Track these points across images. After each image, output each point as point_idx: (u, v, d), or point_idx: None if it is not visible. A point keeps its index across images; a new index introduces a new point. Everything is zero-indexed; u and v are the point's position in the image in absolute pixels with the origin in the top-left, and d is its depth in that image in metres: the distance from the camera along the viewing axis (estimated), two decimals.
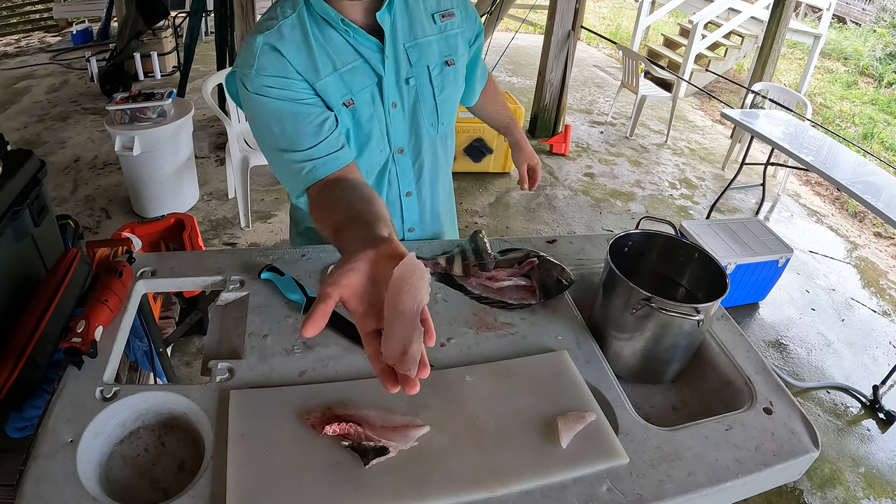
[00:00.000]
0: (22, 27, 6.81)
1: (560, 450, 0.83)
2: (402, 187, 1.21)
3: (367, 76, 1.06)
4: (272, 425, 0.82)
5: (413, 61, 1.09)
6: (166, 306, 2.40)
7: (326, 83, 1.03)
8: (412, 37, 1.08)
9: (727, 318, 1.15)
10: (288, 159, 1.01)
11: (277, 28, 1.01)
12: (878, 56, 8.21)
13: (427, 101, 1.13)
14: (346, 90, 1.05)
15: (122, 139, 2.96)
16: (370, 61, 1.06)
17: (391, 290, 0.63)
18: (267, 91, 0.99)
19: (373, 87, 1.07)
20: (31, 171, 1.22)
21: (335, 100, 1.04)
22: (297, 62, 1.01)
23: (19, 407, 0.95)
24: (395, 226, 1.09)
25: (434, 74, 1.12)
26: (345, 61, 1.04)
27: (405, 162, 1.18)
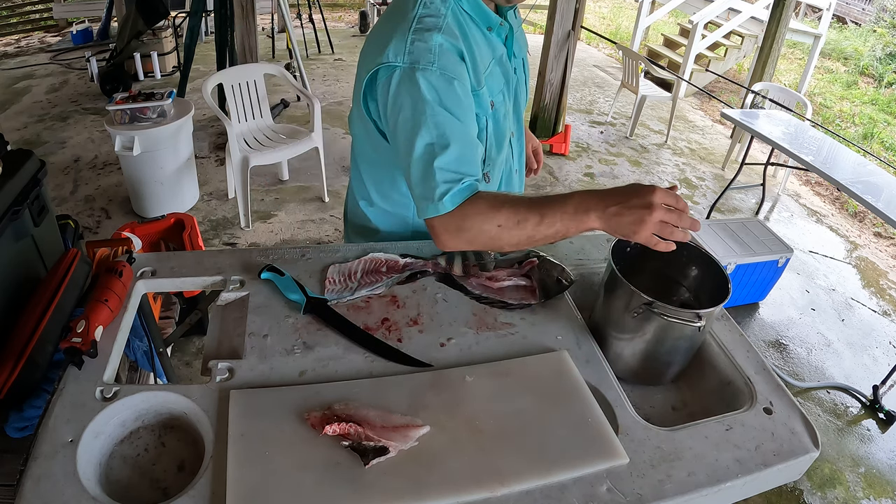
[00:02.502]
0: (22, 27, 6.81)
1: (560, 450, 0.83)
2: (513, 166, 1.27)
3: (499, 77, 1.07)
4: (272, 425, 0.82)
5: (516, 52, 1.14)
6: (166, 306, 2.40)
7: (485, 90, 1.00)
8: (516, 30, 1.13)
9: (727, 318, 1.15)
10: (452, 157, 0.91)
11: (447, 25, 0.94)
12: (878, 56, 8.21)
13: (522, 90, 1.21)
14: (490, 93, 1.03)
15: (122, 139, 2.96)
16: (502, 61, 1.09)
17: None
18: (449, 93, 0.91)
19: (504, 87, 1.09)
20: (31, 171, 1.22)
21: (486, 105, 1.01)
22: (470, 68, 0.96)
23: (19, 407, 0.95)
24: None
25: (526, 65, 1.21)
26: (486, 64, 1.02)
27: (515, 144, 1.25)
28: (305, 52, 6.46)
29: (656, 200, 0.81)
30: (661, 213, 0.81)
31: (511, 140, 1.22)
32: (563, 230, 0.89)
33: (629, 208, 0.83)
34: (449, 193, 0.90)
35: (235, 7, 4.12)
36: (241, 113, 3.45)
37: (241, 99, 3.43)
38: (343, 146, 4.41)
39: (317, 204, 3.62)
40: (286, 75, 3.60)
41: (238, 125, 3.40)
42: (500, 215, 0.90)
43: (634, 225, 0.83)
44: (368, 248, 1.23)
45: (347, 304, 1.08)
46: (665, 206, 0.82)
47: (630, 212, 0.83)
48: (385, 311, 1.07)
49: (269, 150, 3.28)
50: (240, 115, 3.44)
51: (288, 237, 3.29)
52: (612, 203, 0.84)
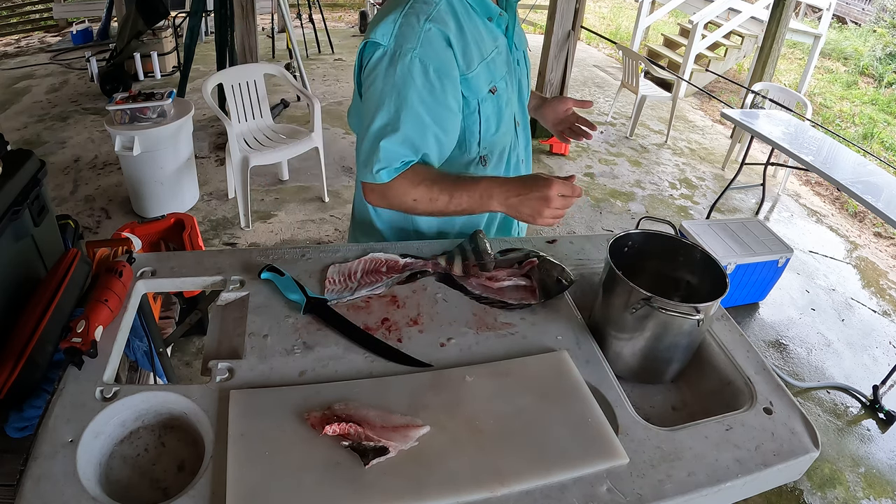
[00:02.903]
0: (22, 27, 6.81)
1: (560, 450, 0.83)
2: (519, 155, 1.30)
3: (502, 63, 1.13)
4: (272, 425, 0.82)
5: (518, 45, 1.20)
6: (166, 306, 2.40)
7: (478, 74, 1.06)
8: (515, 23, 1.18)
9: (727, 318, 1.15)
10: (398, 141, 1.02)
11: (438, 12, 1.00)
12: (878, 56, 8.21)
13: (525, 81, 1.25)
14: (491, 78, 1.10)
15: (122, 139, 2.96)
16: (502, 48, 1.14)
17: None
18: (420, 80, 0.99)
19: (506, 73, 1.15)
20: (31, 171, 1.22)
21: (482, 88, 1.07)
22: (458, 50, 1.02)
23: (19, 407, 0.95)
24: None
25: (527, 58, 1.25)
26: (488, 50, 1.09)
27: (521, 133, 1.28)
28: (305, 52, 6.46)
29: (552, 194, 0.95)
30: (556, 204, 0.95)
31: (517, 129, 1.25)
32: (468, 210, 1.05)
33: (528, 199, 0.97)
34: (385, 170, 1.04)
35: (235, 7, 4.12)
36: (241, 113, 3.45)
37: (241, 99, 3.43)
38: (343, 146, 4.41)
39: (317, 204, 3.62)
40: (286, 75, 3.60)
41: (238, 125, 3.40)
42: (417, 192, 1.05)
43: (532, 215, 0.98)
44: (368, 248, 1.23)
45: (347, 304, 1.08)
46: (561, 197, 0.95)
47: (529, 203, 0.98)
48: (385, 311, 1.07)
49: (269, 150, 3.28)
50: (240, 115, 3.44)
51: (288, 237, 3.29)
52: (514, 194, 0.99)
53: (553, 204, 0.95)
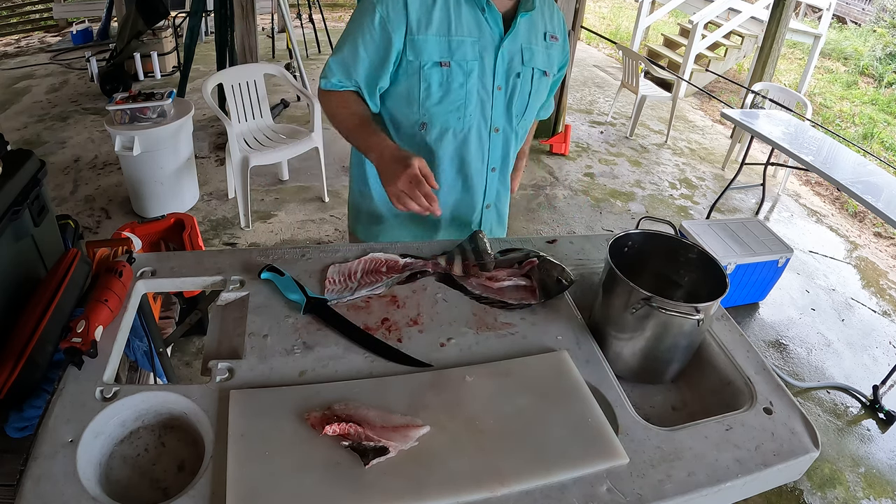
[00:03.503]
0: (22, 27, 6.81)
1: (560, 450, 0.83)
2: (492, 162, 1.35)
3: (473, 54, 1.21)
4: (272, 425, 0.82)
5: (525, 61, 1.26)
6: (166, 306, 2.40)
7: (426, 40, 1.18)
8: (529, 42, 1.26)
9: (727, 318, 1.15)
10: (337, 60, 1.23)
11: None
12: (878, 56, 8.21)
13: (522, 97, 1.29)
14: (447, 54, 1.20)
15: (122, 139, 2.96)
16: (485, 44, 1.21)
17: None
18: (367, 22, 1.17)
19: (475, 64, 1.21)
20: (31, 171, 1.22)
21: (430, 56, 1.19)
22: (414, 14, 1.16)
23: (19, 407, 0.95)
24: (476, 199, 1.40)
25: (535, 77, 1.29)
26: (461, 33, 1.20)
27: (498, 141, 1.32)
28: (305, 52, 6.46)
29: (399, 185, 1.08)
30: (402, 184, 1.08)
31: (491, 133, 1.30)
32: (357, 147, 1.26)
33: (385, 175, 1.13)
34: (324, 79, 1.26)
35: (235, 7, 4.12)
36: (241, 113, 3.45)
37: (241, 99, 3.43)
38: (343, 146, 4.39)
39: (317, 204, 3.62)
40: (286, 75, 3.60)
41: (238, 125, 3.40)
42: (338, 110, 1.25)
43: (386, 181, 1.12)
44: (368, 248, 1.23)
45: (347, 304, 1.08)
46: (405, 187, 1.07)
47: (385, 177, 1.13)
48: (385, 311, 1.07)
49: (269, 150, 3.28)
50: (240, 115, 3.44)
51: (288, 237, 3.29)
52: (382, 164, 1.15)
53: (399, 183, 1.08)
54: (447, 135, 1.27)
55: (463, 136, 1.28)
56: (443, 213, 1.36)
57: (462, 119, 1.25)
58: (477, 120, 1.27)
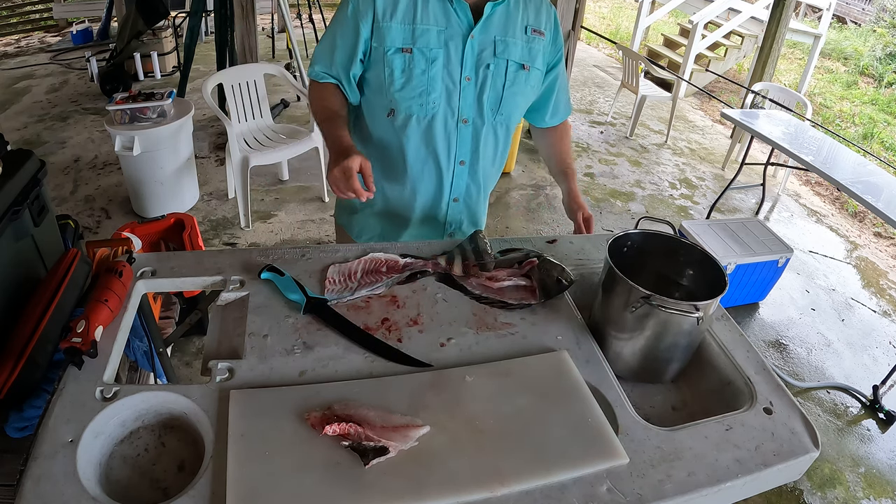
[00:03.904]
0: (22, 27, 6.81)
1: (560, 450, 0.83)
2: (459, 154, 1.33)
3: (438, 42, 1.23)
4: (272, 425, 0.82)
5: (498, 52, 1.26)
6: (166, 306, 2.40)
7: (390, 27, 1.22)
8: (503, 34, 1.27)
9: (727, 318, 1.15)
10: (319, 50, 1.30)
11: None
12: (878, 56, 8.20)
13: (495, 89, 1.29)
14: (409, 41, 1.22)
15: (122, 139, 2.96)
16: (452, 33, 1.23)
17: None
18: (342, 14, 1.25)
19: (440, 52, 1.23)
20: (31, 171, 1.22)
21: (392, 42, 1.23)
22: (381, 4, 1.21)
23: (19, 407, 0.95)
24: (443, 189, 1.39)
25: (510, 70, 1.29)
26: (426, 22, 1.23)
27: (466, 132, 1.31)
28: (305, 52, 6.45)
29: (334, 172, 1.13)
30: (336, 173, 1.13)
31: (459, 124, 1.30)
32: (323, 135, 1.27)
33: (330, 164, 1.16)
34: (311, 68, 1.33)
35: (235, 7, 4.12)
36: (241, 113, 3.45)
37: (241, 99, 3.43)
38: None
39: (317, 204, 3.62)
40: (286, 75, 3.60)
41: (238, 125, 3.40)
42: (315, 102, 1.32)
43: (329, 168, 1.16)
44: (368, 248, 1.23)
45: (347, 304, 1.08)
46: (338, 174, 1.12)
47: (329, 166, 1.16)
48: (385, 311, 1.07)
49: (269, 150, 3.28)
50: (240, 115, 3.44)
51: (288, 237, 3.29)
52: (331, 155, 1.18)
53: (335, 171, 1.12)
54: (411, 121, 1.28)
55: (427, 122, 1.28)
56: (411, 203, 1.39)
57: (424, 106, 1.26)
58: (442, 108, 1.27)
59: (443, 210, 1.41)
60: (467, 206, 1.44)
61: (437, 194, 1.39)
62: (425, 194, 1.38)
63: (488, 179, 1.44)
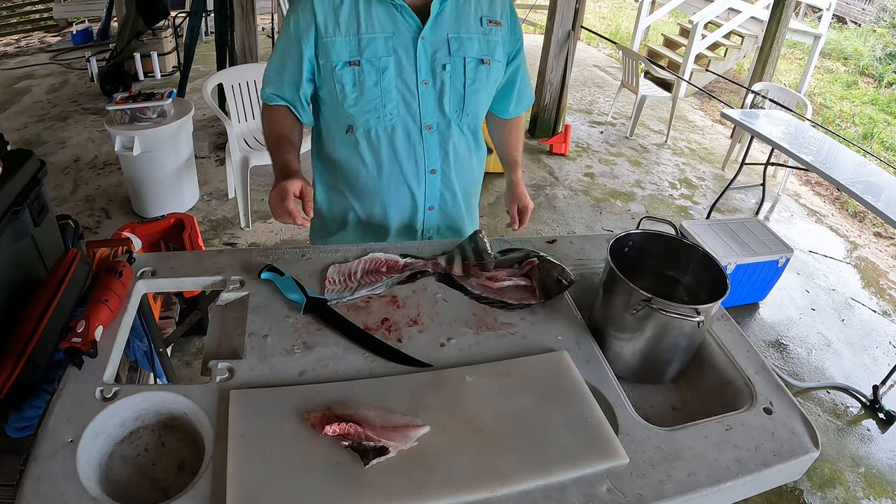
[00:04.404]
0: (22, 27, 6.81)
1: (560, 450, 0.83)
2: (428, 163, 1.28)
3: (386, 50, 1.18)
4: (272, 425, 0.82)
5: (453, 51, 1.21)
6: (166, 306, 2.40)
7: (335, 41, 1.17)
8: (457, 30, 1.21)
9: (727, 318, 1.15)
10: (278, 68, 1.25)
11: None
12: (878, 56, 8.20)
13: (456, 89, 1.23)
14: (356, 52, 1.17)
15: (122, 139, 2.96)
16: (402, 39, 1.17)
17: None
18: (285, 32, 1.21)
19: (389, 61, 1.18)
20: (31, 171, 1.22)
21: (339, 56, 1.18)
22: (322, 18, 1.16)
23: (19, 407, 0.95)
24: (417, 201, 1.32)
25: (469, 67, 1.23)
26: (371, 30, 1.17)
27: (432, 140, 1.26)
28: None
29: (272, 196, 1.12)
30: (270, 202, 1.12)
31: (423, 132, 1.24)
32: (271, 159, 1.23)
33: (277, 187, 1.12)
34: (262, 91, 1.29)
35: (235, 7, 4.11)
36: (241, 113, 3.45)
37: (241, 99, 3.43)
38: None
39: None
40: None
41: (238, 125, 3.40)
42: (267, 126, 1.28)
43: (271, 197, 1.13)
44: (368, 248, 1.23)
45: (347, 304, 1.08)
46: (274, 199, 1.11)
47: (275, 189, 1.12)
48: (385, 311, 1.07)
49: None
50: (240, 115, 3.44)
51: (288, 237, 3.29)
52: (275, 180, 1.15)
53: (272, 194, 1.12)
54: (371, 135, 1.23)
55: (388, 135, 1.23)
56: (384, 217, 1.33)
57: (382, 118, 1.21)
58: (402, 118, 1.22)
59: (419, 220, 1.35)
60: (444, 213, 1.38)
61: (411, 206, 1.33)
62: (398, 207, 1.32)
63: (467, 183, 1.38)
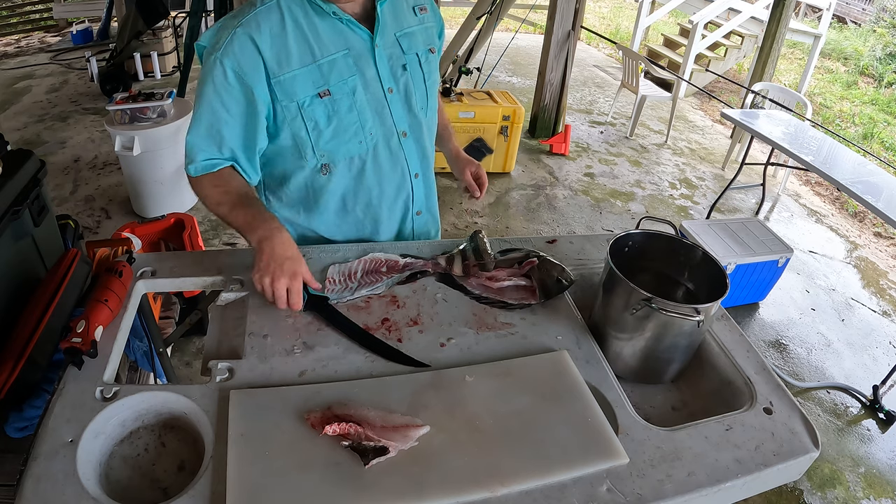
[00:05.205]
0: (22, 27, 6.81)
1: (560, 450, 0.83)
2: (412, 169, 1.25)
3: (349, 68, 1.10)
4: (272, 425, 0.82)
5: (405, 49, 1.16)
6: (166, 306, 2.40)
7: (294, 76, 1.06)
8: (400, 27, 1.16)
9: (727, 318, 1.15)
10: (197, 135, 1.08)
11: (255, 16, 1.04)
12: (878, 56, 8.20)
13: (419, 86, 1.19)
14: (322, 81, 1.07)
15: (122, 139, 2.96)
16: (359, 51, 1.11)
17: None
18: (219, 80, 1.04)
19: (356, 80, 1.10)
20: (31, 171, 1.22)
21: (306, 90, 1.07)
22: (269, 52, 1.04)
23: (19, 407, 0.95)
24: (407, 209, 1.30)
25: (423, 61, 1.19)
26: (328, 52, 1.08)
27: (410, 144, 1.22)
28: None
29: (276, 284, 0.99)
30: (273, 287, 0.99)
31: (401, 140, 1.19)
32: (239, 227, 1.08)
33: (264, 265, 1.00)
34: (190, 165, 1.10)
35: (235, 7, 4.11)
36: None
37: None
38: None
39: None
40: None
41: None
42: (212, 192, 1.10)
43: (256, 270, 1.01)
44: (368, 248, 1.23)
45: (347, 304, 1.08)
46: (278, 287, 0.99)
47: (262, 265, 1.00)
48: (385, 311, 1.07)
49: None
50: None
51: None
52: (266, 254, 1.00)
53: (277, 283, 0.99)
54: (353, 163, 1.17)
55: (372, 156, 1.17)
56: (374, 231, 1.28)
57: (364, 141, 1.14)
58: (381, 133, 1.16)
59: (408, 227, 1.32)
60: (430, 213, 1.35)
61: (401, 215, 1.29)
62: (388, 220, 1.28)
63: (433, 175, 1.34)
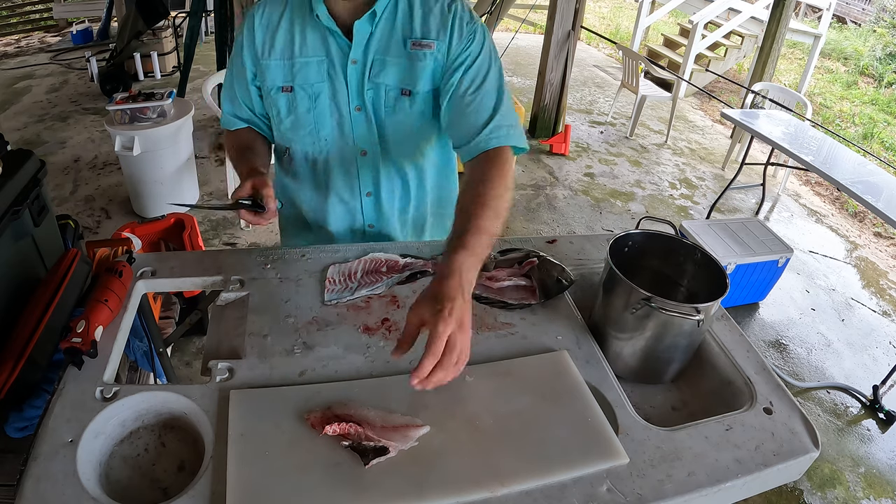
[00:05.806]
0: (22, 27, 6.81)
1: (560, 450, 0.83)
2: (363, 187, 1.24)
3: (319, 76, 1.12)
4: (272, 425, 0.82)
5: (373, 76, 1.11)
6: (166, 306, 2.40)
7: (269, 65, 1.14)
8: (383, 53, 1.11)
9: (727, 318, 1.15)
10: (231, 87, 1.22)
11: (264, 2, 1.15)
12: (878, 56, 8.20)
13: (379, 116, 1.15)
14: (289, 78, 1.13)
15: (122, 139, 2.96)
16: (335, 62, 1.11)
17: None
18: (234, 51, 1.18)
19: (323, 87, 1.13)
20: (31, 171, 1.22)
21: (273, 81, 1.14)
22: (260, 38, 1.13)
23: (19, 407, 0.95)
24: (356, 220, 1.30)
25: (389, 96, 1.13)
26: (305, 54, 1.12)
27: (366, 164, 1.21)
28: None
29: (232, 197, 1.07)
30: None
31: (357, 157, 1.19)
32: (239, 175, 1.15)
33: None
34: (221, 118, 1.26)
35: (235, 7, 4.11)
36: None
37: None
38: None
39: None
40: None
41: None
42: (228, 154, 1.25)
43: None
44: (368, 248, 1.23)
45: (347, 304, 1.08)
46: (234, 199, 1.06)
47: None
48: (385, 311, 1.07)
49: None
50: None
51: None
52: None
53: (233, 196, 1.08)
54: (308, 158, 1.22)
55: (324, 159, 1.20)
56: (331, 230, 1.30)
57: (317, 143, 1.18)
58: (336, 143, 1.18)
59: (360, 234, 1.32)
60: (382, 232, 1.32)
61: (351, 223, 1.30)
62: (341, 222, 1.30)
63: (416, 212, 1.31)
